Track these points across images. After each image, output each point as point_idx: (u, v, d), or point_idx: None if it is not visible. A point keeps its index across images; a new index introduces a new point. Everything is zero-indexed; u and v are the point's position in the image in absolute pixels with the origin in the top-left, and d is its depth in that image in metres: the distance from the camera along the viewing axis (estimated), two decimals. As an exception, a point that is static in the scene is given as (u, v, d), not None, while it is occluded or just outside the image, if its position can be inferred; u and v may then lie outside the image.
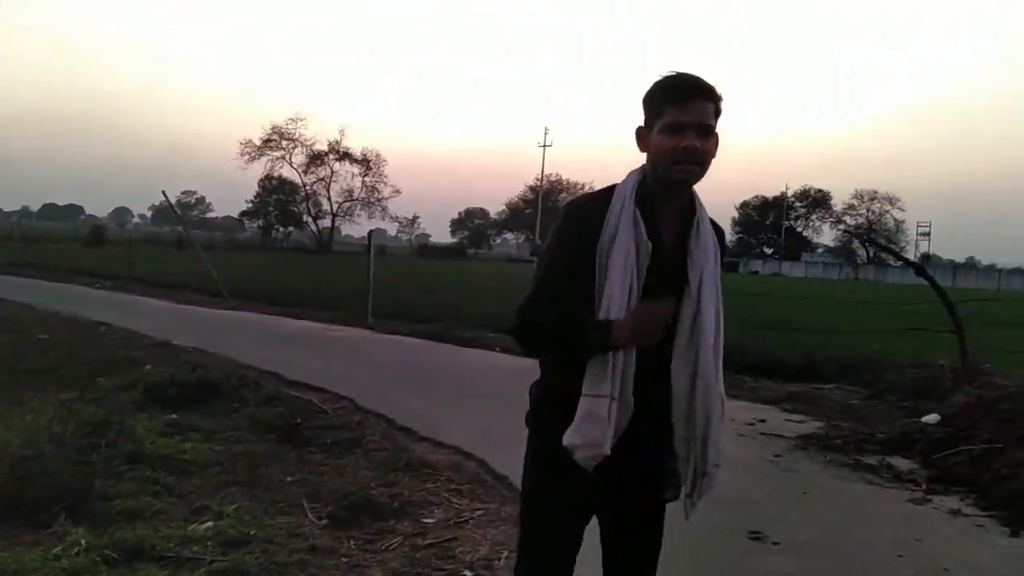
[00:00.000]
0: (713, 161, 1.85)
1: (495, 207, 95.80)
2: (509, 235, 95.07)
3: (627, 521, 2.04)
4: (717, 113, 1.84)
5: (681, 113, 1.79)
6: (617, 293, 1.82)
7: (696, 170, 1.82)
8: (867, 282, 55.37)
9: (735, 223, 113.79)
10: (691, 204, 1.93)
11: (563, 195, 73.77)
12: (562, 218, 1.94)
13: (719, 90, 1.83)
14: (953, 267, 76.08)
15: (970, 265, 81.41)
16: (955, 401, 6.54)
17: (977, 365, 7.17)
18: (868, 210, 77.91)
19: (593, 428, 1.82)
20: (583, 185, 73.10)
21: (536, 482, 2.02)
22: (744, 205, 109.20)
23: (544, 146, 77.34)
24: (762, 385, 8.35)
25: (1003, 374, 6.95)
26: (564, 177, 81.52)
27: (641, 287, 1.83)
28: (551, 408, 1.93)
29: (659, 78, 1.85)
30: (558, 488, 1.95)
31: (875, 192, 77.44)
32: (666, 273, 1.86)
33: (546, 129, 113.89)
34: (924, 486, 4.84)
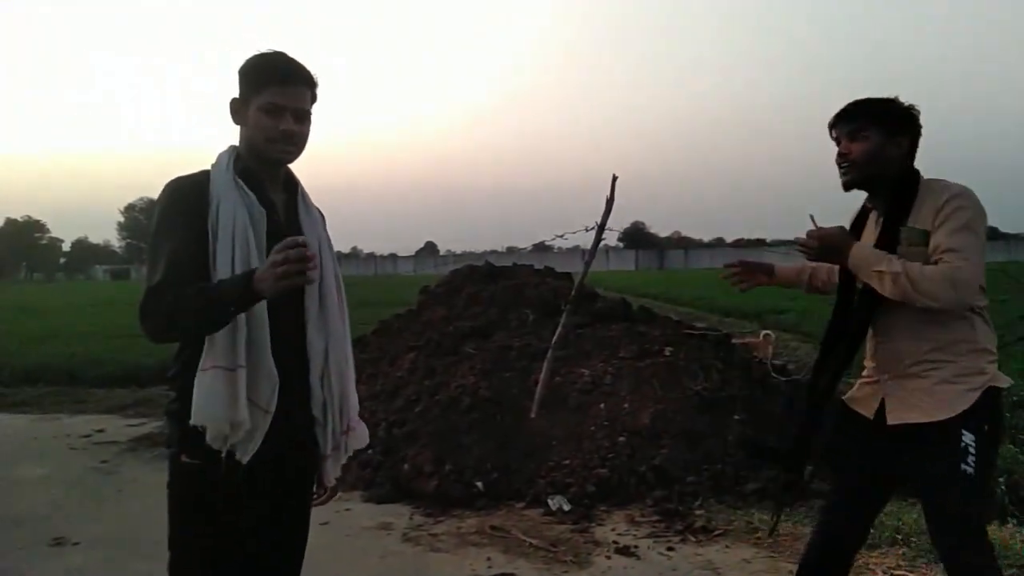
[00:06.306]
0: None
1: None
2: None
3: (278, 526, 2.03)
4: (313, 99, 1.93)
5: (281, 96, 1.84)
6: (240, 266, 1.77)
7: (293, 151, 1.91)
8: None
9: (122, 228, 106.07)
10: (289, 176, 2.00)
11: None
12: (164, 198, 1.85)
13: (317, 77, 1.92)
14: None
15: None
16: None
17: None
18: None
19: (229, 403, 1.75)
20: None
21: (187, 525, 1.94)
22: (130, 208, 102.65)
23: None
24: (113, 394, 8.64)
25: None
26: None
27: (265, 256, 1.76)
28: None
29: (259, 54, 1.88)
30: (214, 524, 1.89)
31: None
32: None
33: None
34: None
